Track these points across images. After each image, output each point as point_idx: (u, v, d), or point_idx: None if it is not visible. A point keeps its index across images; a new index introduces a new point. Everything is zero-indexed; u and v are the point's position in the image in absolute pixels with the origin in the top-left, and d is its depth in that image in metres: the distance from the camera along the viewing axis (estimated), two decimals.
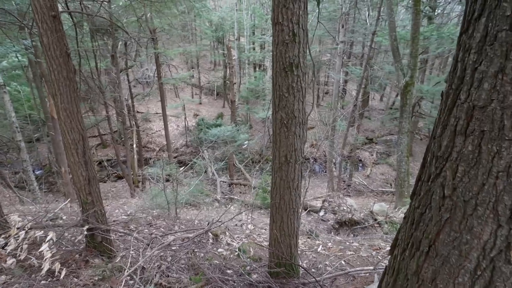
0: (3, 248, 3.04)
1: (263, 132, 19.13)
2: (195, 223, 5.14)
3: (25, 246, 2.92)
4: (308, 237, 4.41)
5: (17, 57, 10.46)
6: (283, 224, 2.42)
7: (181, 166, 13.48)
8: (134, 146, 13.82)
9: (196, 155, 16.45)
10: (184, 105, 19.05)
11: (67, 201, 4.38)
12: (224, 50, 22.86)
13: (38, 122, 13.66)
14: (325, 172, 14.69)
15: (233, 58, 18.82)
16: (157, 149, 18.16)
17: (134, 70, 21.55)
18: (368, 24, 16.41)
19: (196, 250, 3.33)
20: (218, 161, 10.93)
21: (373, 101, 24.24)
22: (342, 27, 13.42)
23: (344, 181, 14.16)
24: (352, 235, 6.78)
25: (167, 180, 8.33)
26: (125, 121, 12.82)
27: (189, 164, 12.63)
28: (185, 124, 19.24)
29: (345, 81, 20.33)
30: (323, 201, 7.61)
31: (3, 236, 3.21)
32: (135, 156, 13.54)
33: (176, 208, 5.16)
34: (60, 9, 2.90)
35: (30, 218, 4.27)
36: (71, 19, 4.22)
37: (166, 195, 5.17)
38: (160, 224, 4.74)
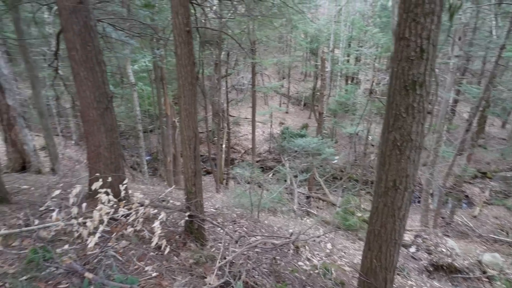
0: (125, 217, 3.73)
1: (348, 148, 18.14)
2: (275, 229, 5.23)
3: (141, 220, 3.51)
4: (398, 274, 3.92)
5: (145, 62, 12.83)
6: (380, 255, 2.22)
7: (263, 171, 13.96)
8: (224, 146, 15.05)
9: (277, 161, 16.79)
10: (271, 112, 19.74)
11: (172, 187, 5.08)
12: (316, 62, 22.80)
13: (153, 116, 16.36)
14: (419, 203, 12.88)
15: (326, 70, 18.54)
16: (242, 151, 19.32)
17: (231, 77, 23.57)
18: (495, 36, 13.85)
19: (277, 257, 3.37)
20: (301, 172, 10.86)
21: (492, 128, 20.10)
22: (459, 39, 11.66)
23: (442, 218, 12.10)
24: (449, 283, 5.74)
25: (248, 183, 8.76)
26: (219, 122, 14.11)
27: (272, 170, 12.95)
28: (271, 131, 19.91)
29: (455, 101, 17.47)
30: (415, 236, 6.67)
31: (126, 207, 3.93)
32: (223, 155, 14.74)
33: (258, 211, 5.36)
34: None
35: (143, 196, 5.12)
36: (197, 34, 4.92)
37: (251, 197, 5.43)
38: (243, 223, 5.00)
